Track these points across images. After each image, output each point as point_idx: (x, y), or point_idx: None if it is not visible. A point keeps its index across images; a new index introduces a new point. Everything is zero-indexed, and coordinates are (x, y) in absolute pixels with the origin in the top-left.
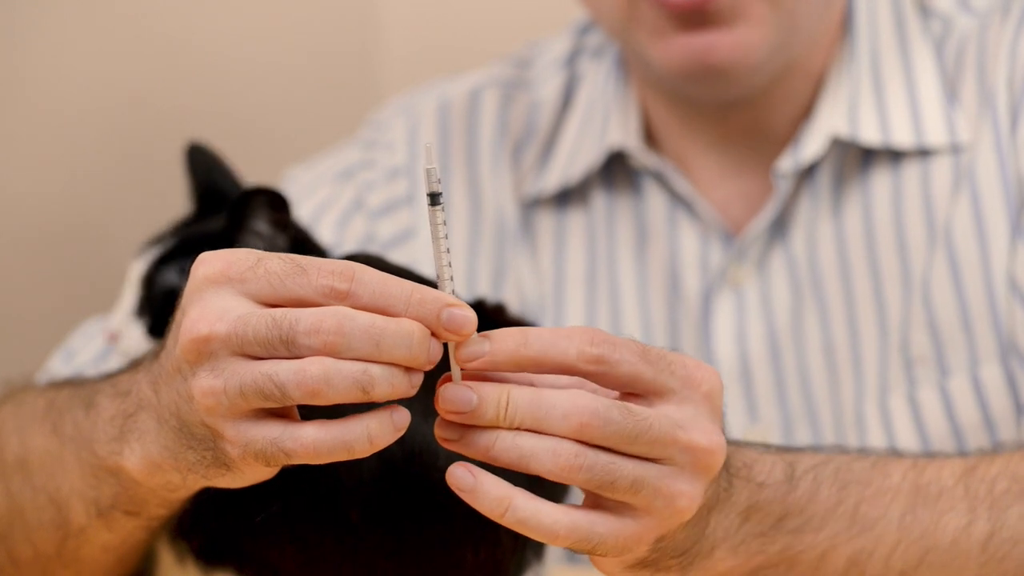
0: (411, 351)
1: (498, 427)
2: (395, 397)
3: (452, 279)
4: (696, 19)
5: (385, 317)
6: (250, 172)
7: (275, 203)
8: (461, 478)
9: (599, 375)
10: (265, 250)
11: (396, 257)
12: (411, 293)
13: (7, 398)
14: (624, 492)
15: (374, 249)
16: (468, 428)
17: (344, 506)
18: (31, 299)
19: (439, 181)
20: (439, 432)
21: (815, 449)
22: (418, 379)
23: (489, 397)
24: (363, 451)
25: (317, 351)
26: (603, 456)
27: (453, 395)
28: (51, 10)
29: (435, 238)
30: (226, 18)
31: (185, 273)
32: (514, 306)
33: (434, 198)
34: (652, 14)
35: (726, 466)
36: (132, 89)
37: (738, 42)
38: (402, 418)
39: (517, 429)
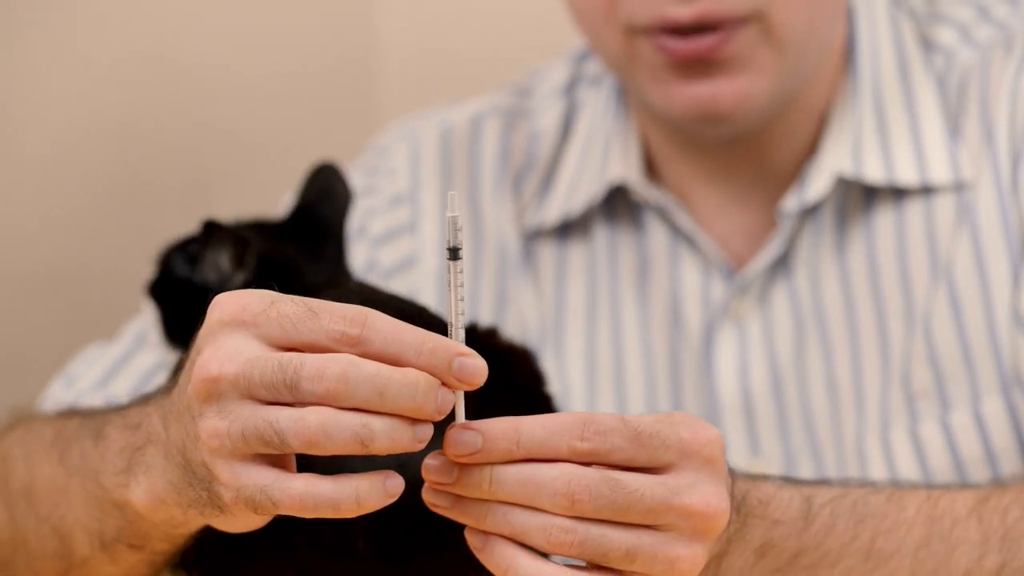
0: (415, 401)
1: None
2: (397, 451)
3: (463, 328)
4: (700, 67)
5: (391, 367)
6: (249, 194)
7: (236, 241)
8: (475, 536)
9: (593, 463)
10: (219, 282)
11: (397, 285)
12: (423, 341)
13: (14, 425)
14: (619, 562)
15: (375, 276)
16: (459, 497)
17: (349, 535)
18: (30, 324)
19: (460, 229)
20: (428, 499)
21: (831, 483)
22: (425, 432)
23: (472, 474)
24: (350, 512)
25: (320, 397)
26: (595, 529)
27: (435, 464)
28: (35, 29)
29: (452, 286)
30: (222, 40)
31: (191, 260)
32: (516, 336)
33: (454, 252)
34: (653, 58)
35: (738, 506)
36: (123, 111)
37: (743, 90)
38: (395, 485)
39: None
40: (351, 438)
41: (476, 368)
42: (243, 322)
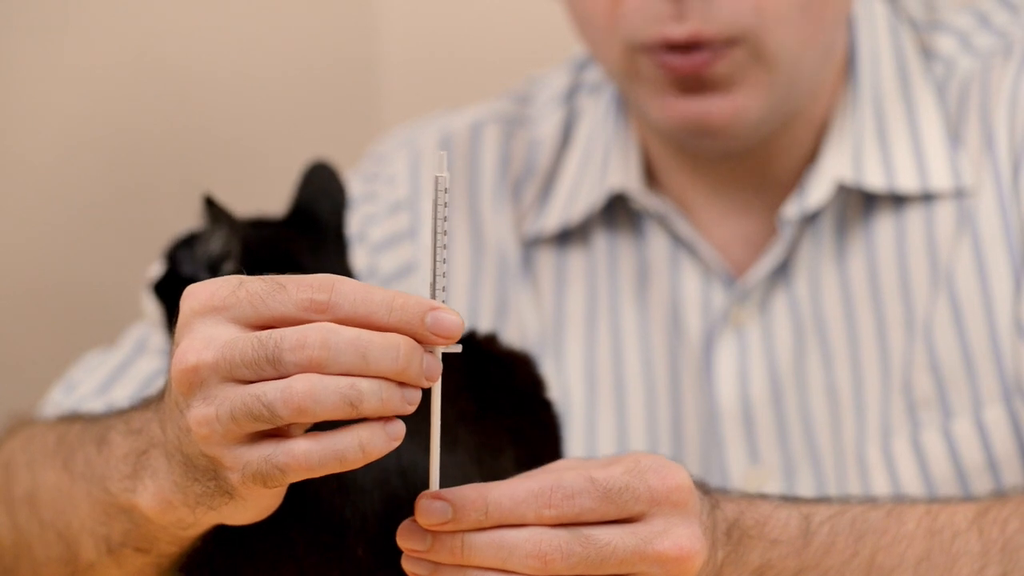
0: (398, 363)
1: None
2: (387, 412)
3: (444, 289)
4: (694, 84)
5: (371, 331)
6: (250, 199)
7: (231, 223)
8: None
9: (564, 525)
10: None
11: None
12: (393, 299)
13: (16, 431)
14: None
15: (375, 283)
16: (438, 565)
17: (349, 541)
18: (29, 331)
19: (447, 190)
20: (407, 567)
21: (830, 500)
22: (414, 395)
23: (443, 541)
24: (356, 461)
25: (303, 367)
26: None
27: (409, 532)
28: (31, 34)
29: (434, 232)
30: (221, 44)
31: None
32: (516, 343)
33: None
34: (652, 72)
35: (729, 529)
36: (122, 117)
37: (733, 108)
38: (396, 429)
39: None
40: (340, 400)
41: (452, 322)
42: (214, 307)
